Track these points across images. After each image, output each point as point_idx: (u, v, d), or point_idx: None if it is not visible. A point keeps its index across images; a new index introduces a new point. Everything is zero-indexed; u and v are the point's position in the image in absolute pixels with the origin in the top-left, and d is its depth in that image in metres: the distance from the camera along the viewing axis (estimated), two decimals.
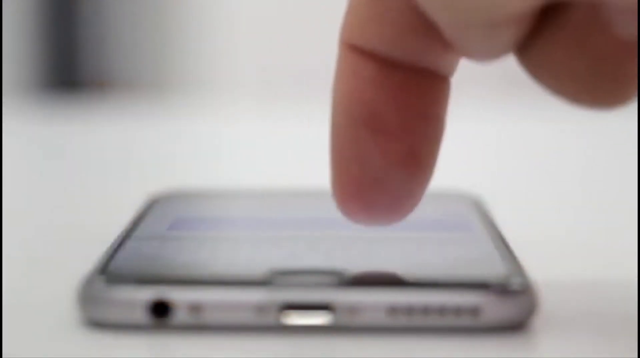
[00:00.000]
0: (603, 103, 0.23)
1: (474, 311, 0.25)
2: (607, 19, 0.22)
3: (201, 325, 0.25)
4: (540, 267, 0.27)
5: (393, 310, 0.25)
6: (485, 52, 0.23)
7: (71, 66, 1.51)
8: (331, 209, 0.34)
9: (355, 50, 0.25)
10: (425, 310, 0.25)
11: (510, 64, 0.25)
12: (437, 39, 0.24)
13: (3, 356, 0.24)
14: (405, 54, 0.25)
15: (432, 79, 0.25)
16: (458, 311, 0.25)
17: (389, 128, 0.25)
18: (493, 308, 0.25)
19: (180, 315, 0.25)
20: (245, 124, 0.70)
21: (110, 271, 0.26)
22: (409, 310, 0.25)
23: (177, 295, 0.25)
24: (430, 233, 0.30)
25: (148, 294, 0.25)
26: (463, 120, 0.66)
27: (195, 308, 0.25)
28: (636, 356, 0.24)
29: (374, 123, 0.25)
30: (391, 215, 0.26)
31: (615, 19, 0.22)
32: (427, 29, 0.24)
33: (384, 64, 0.25)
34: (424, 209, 0.34)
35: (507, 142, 0.62)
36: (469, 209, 0.33)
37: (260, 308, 0.25)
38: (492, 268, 0.26)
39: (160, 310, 0.25)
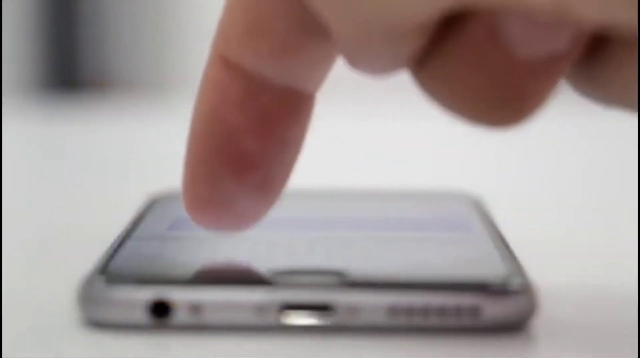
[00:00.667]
0: (501, 122, 0.22)
1: (474, 311, 0.25)
2: (506, 39, 0.21)
3: (201, 325, 0.25)
4: (540, 267, 0.27)
5: (393, 310, 0.25)
6: (380, 66, 0.23)
7: (71, 66, 1.51)
8: (331, 210, 0.34)
9: (227, 65, 0.24)
10: (425, 310, 0.25)
11: None
12: (320, 53, 0.23)
13: (3, 356, 0.24)
14: (280, 71, 0.24)
15: (299, 99, 0.24)
16: (458, 311, 0.25)
17: (246, 157, 0.24)
18: (493, 308, 0.25)
19: (180, 315, 0.25)
20: None
21: (110, 271, 0.26)
22: (409, 310, 0.25)
23: (177, 295, 0.25)
24: (430, 233, 0.30)
25: (148, 294, 0.25)
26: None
27: (195, 308, 0.25)
28: (636, 356, 0.24)
29: (232, 150, 0.24)
30: (237, 227, 0.26)
31: (513, 39, 0.21)
32: (310, 42, 0.23)
33: (252, 85, 0.24)
34: (424, 209, 0.34)
35: (507, 142, 0.62)
36: (469, 209, 0.33)
37: (260, 308, 0.25)
38: (492, 268, 0.26)
39: (160, 310, 0.25)
